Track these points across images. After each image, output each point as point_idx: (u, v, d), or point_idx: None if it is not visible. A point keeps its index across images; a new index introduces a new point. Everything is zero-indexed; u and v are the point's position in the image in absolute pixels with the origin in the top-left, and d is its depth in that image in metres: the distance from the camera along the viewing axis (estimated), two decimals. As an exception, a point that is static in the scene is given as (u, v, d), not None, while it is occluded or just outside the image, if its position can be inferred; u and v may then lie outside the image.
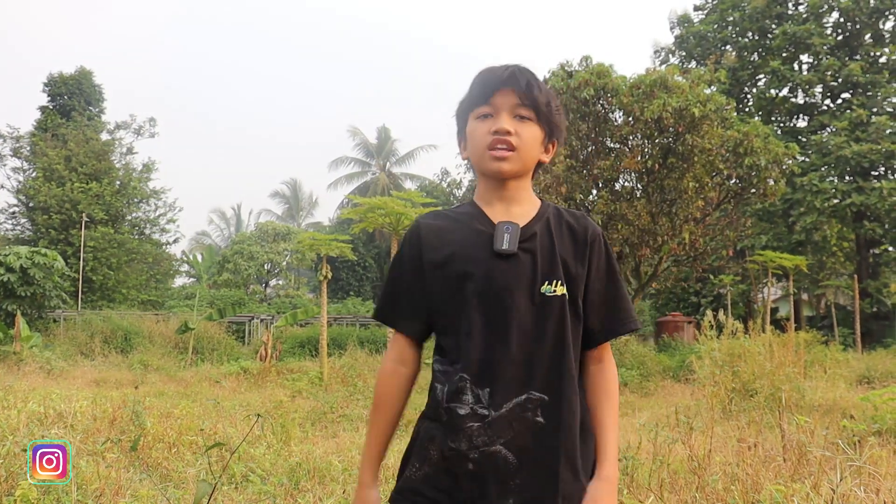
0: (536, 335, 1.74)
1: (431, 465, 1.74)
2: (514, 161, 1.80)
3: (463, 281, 1.77)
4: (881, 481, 4.19)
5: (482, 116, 1.82)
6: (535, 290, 1.76)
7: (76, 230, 29.07)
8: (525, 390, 1.71)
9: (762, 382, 9.02)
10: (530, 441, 1.70)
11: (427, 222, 1.90)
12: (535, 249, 1.78)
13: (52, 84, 34.10)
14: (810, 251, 28.33)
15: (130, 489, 4.88)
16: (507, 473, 1.69)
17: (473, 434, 1.70)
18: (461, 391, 1.73)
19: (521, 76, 1.81)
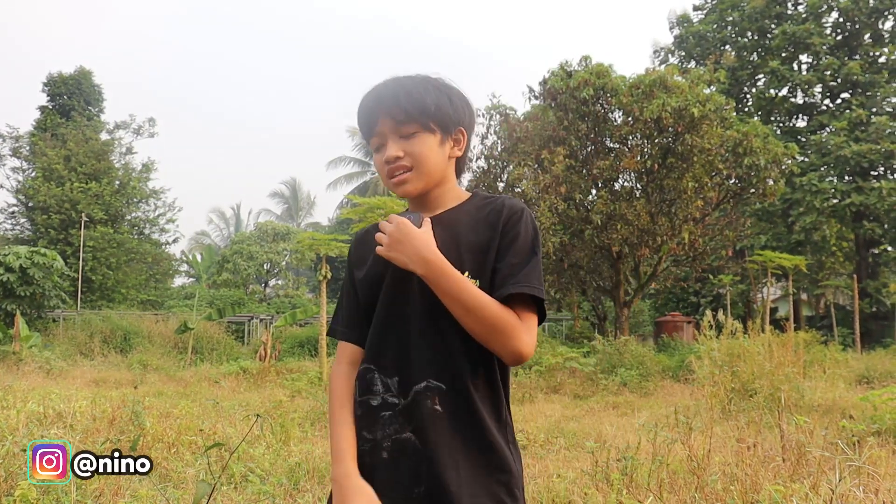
0: (434, 324, 1.74)
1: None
2: (415, 180, 1.81)
3: (372, 278, 1.83)
4: (880, 481, 4.20)
5: (377, 148, 1.84)
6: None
7: (76, 230, 29.06)
8: (424, 378, 1.72)
9: (761, 382, 9.03)
10: (432, 429, 1.71)
11: (354, 236, 1.98)
12: (445, 238, 1.78)
13: (52, 84, 34.09)
14: (809, 251, 28.33)
15: (130, 489, 4.88)
16: (418, 460, 1.70)
17: (386, 423, 1.73)
18: (371, 383, 1.77)
19: (385, 95, 1.79)
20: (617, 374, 14.44)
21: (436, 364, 1.73)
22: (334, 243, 14.76)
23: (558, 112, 20.45)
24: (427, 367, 1.73)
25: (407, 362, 1.74)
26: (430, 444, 1.70)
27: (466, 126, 1.87)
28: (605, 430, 8.23)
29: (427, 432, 1.70)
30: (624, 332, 19.61)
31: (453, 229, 1.80)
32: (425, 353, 1.74)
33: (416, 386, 1.72)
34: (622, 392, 13.35)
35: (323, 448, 6.70)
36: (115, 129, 34.82)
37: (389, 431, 1.72)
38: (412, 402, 1.72)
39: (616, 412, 10.78)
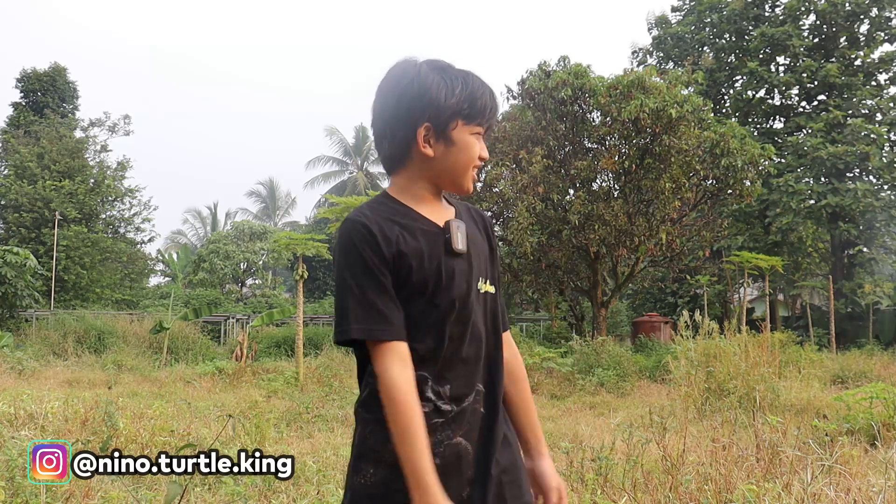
0: (481, 331, 1.83)
1: (388, 466, 1.69)
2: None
3: (425, 280, 1.75)
4: (851, 480, 4.22)
5: (475, 134, 1.84)
6: (477, 288, 1.82)
7: (48, 229, 28.75)
8: (474, 384, 1.80)
9: (737, 382, 9.07)
10: (477, 430, 1.79)
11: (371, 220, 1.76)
12: (472, 248, 1.84)
13: (25, 80, 33.75)
14: (786, 252, 28.52)
15: (101, 491, 4.83)
16: (466, 464, 1.75)
17: (438, 429, 1.72)
18: (423, 391, 1.73)
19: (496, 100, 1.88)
20: (594, 374, 14.47)
21: (481, 369, 1.82)
22: (311, 243, 14.69)
23: (536, 112, 20.48)
24: (476, 373, 1.80)
25: (465, 370, 1.78)
26: (478, 446, 1.78)
27: None
28: (581, 431, 8.24)
29: (474, 434, 1.78)
30: (601, 333, 19.67)
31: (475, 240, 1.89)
32: (478, 359, 1.81)
33: (468, 392, 1.78)
34: (599, 392, 13.38)
35: (298, 449, 6.66)
36: (90, 126, 34.49)
37: (441, 437, 1.73)
38: (465, 407, 1.77)
39: (593, 412, 10.80)
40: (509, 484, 1.80)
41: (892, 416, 7.05)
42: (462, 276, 1.78)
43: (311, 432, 8.19)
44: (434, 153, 1.82)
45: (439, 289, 1.75)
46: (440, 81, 1.80)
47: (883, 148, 28.19)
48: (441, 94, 1.80)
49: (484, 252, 1.88)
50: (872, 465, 5.25)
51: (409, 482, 1.63)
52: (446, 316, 1.75)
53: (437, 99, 1.79)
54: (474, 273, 1.81)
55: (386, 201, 1.83)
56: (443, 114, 1.80)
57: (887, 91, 30.56)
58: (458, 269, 1.77)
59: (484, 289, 1.84)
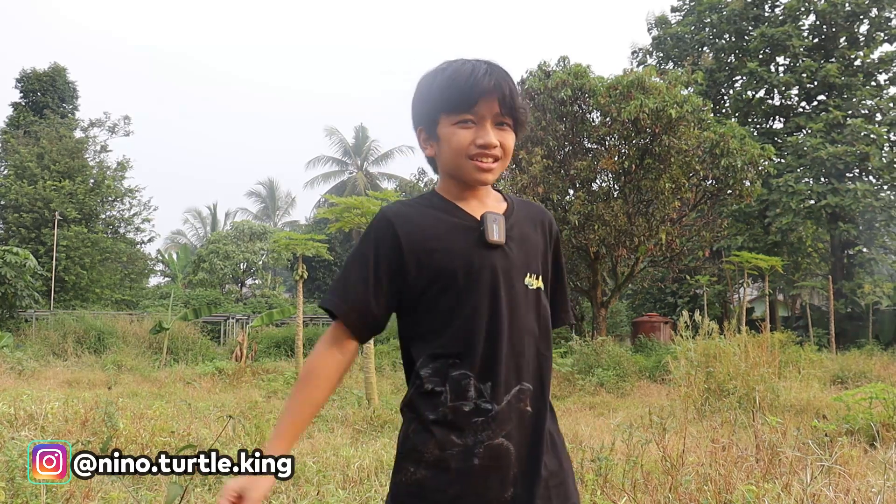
0: (525, 327, 1.78)
1: (428, 466, 1.71)
2: (497, 171, 1.82)
3: (453, 273, 1.75)
4: (850, 481, 4.22)
5: (462, 123, 1.78)
6: (520, 283, 1.78)
7: (48, 229, 28.74)
8: (518, 381, 1.75)
9: (736, 383, 9.06)
10: (523, 430, 1.74)
11: (396, 215, 1.81)
12: (517, 241, 1.81)
13: (25, 80, 33.73)
14: (786, 252, 28.52)
15: (101, 491, 4.83)
16: (509, 464, 1.72)
17: (478, 429, 1.71)
18: (465, 388, 1.72)
19: (504, 84, 1.77)
20: (594, 374, 14.47)
21: (525, 366, 1.77)
22: (311, 243, 14.71)
23: (536, 112, 20.47)
24: (520, 370, 1.76)
25: (506, 367, 1.73)
26: (523, 446, 1.74)
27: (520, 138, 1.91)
28: (580, 431, 8.23)
29: (519, 435, 1.74)
30: (601, 333, 19.66)
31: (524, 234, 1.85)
32: (521, 356, 1.76)
33: (514, 390, 1.74)
34: (599, 392, 13.38)
35: (298, 449, 6.65)
36: (90, 126, 34.48)
37: (482, 437, 1.71)
38: (507, 406, 1.73)
39: (593, 412, 10.80)
40: (556, 487, 1.78)
41: (891, 416, 7.05)
42: (499, 269, 1.76)
43: (311, 432, 8.18)
44: (434, 152, 1.86)
45: (471, 281, 1.74)
46: (426, 82, 1.84)
47: (883, 148, 28.18)
48: (424, 94, 1.84)
49: (535, 248, 1.85)
50: (872, 465, 5.25)
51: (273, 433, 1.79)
52: (481, 309, 1.73)
53: (421, 101, 1.85)
54: (516, 267, 1.78)
55: (431, 197, 1.87)
56: (428, 113, 1.83)
57: (887, 91, 30.55)
58: (494, 262, 1.76)
59: (534, 284, 1.81)
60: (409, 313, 1.81)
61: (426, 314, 1.78)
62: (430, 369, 1.75)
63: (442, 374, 1.74)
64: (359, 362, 16.44)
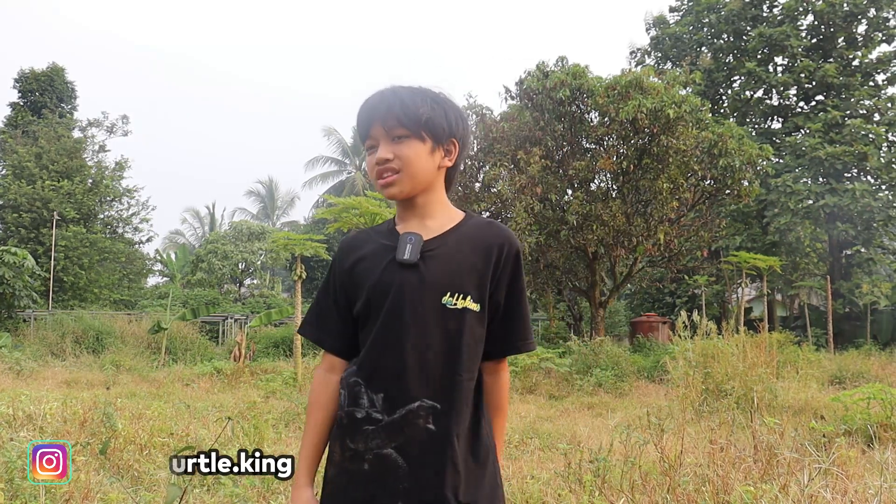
0: (432, 345, 1.78)
1: (335, 466, 1.82)
2: (401, 182, 1.85)
3: (365, 291, 1.83)
4: (848, 482, 4.23)
5: (370, 149, 1.90)
6: (436, 302, 1.79)
7: (47, 229, 28.70)
8: (418, 397, 1.76)
9: (734, 383, 9.08)
10: (420, 447, 1.75)
11: (343, 243, 1.98)
12: (440, 261, 1.83)
13: (23, 80, 33.66)
14: (784, 252, 28.52)
15: (100, 493, 4.82)
16: (397, 477, 1.74)
17: (368, 436, 1.77)
18: (358, 395, 1.80)
19: (381, 102, 1.86)
20: (592, 374, 14.47)
21: (429, 384, 1.77)
22: (309, 243, 14.67)
23: (534, 112, 20.48)
24: (422, 386, 1.76)
25: (398, 381, 1.76)
26: (418, 462, 1.75)
27: (459, 138, 1.91)
28: (579, 431, 8.24)
29: (415, 450, 1.75)
30: (599, 333, 19.67)
31: (454, 254, 1.84)
32: (419, 372, 1.77)
33: (410, 405, 1.75)
34: (597, 392, 13.38)
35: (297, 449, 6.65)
36: (88, 126, 34.38)
37: (372, 445, 1.76)
38: (401, 419, 1.75)
39: (591, 413, 10.80)
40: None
41: (889, 416, 7.07)
42: (407, 287, 1.79)
43: (310, 433, 8.17)
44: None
45: (378, 298, 1.81)
46: None
47: (881, 148, 28.21)
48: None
49: (467, 269, 1.83)
50: (869, 466, 5.26)
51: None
52: (380, 324, 1.80)
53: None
54: (432, 286, 1.79)
55: (386, 222, 1.97)
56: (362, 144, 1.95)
57: (885, 91, 30.56)
58: (402, 280, 1.80)
59: (459, 304, 1.79)
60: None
61: (360, 329, 1.89)
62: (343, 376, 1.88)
63: (346, 380, 1.84)
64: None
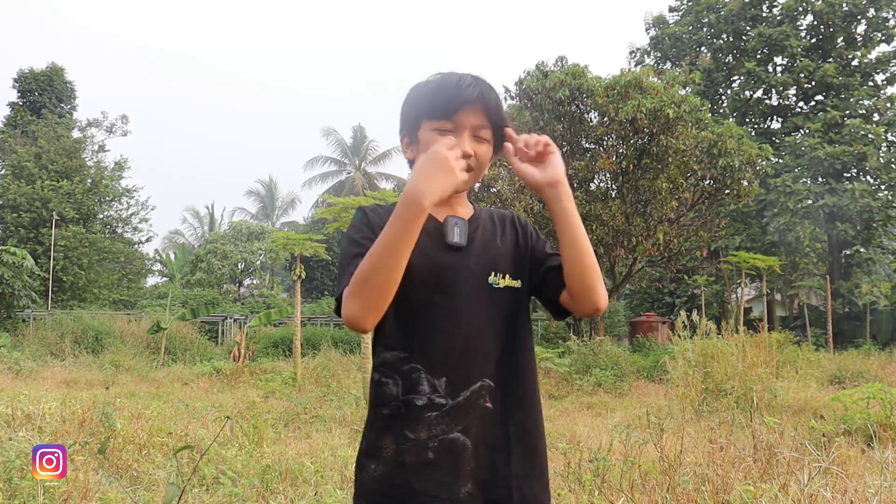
0: (487, 325, 1.79)
1: (386, 462, 1.75)
2: (469, 181, 1.82)
3: (413, 275, 1.74)
4: (848, 481, 4.22)
5: (441, 131, 1.81)
6: (483, 282, 1.80)
7: (46, 229, 28.68)
8: (479, 378, 1.76)
9: (734, 383, 9.08)
10: (483, 426, 1.75)
11: (373, 211, 1.89)
12: (480, 242, 1.85)
13: (22, 80, 33.65)
14: (783, 252, 28.54)
15: (99, 492, 4.82)
16: (464, 459, 1.72)
17: (432, 423, 1.72)
18: (416, 382, 1.75)
19: (488, 96, 1.81)
20: (592, 374, 14.46)
21: (486, 363, 1.77)
22: (309, 243, 14.66)
23: (534, 112, 20.48)
24: (482, 367, 1.76)
25: (460, 363, 1.75)
26: (481, 442, 1.74)
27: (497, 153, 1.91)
28: (578, 431, 8.24)
29: (478, 431, 1.74)
30: (599, 333, 19.66)
31: (489, 236, 1.88)
32: (479, 353, 1.77)
33: (472, 386, 1.75)
34: (597, 392, 13.37)
35: (296, 449, 6.65)
36: (88, 126, 34.38)
37: (436, 432, 1.73)
38: (465, 401, 1.74)
39: (590, 412, 10.80)
40: (519, 489, 1.77)
41: (888, 416, 7.07)
42: (459, 269, 1.79)
43: (309, 433, 8.19)
44: (413, 156, 1.88)
45: (430, 280, 1.77)
46: (414, 90, 1.89)
47: (880, 148, 28.25)
48: (410, 101, 1.89)
49: (504, 249, 1.87)
50: (869, 465, 5.26)
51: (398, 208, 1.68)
52: (437, 307, 1.77)
53: (408, 106, 1.90)
54: (478, 268, 1.81)
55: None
56: (412, 119, 1.88)
57: (884, 91, 30.61)
58: (454, 263, 1.80)
59: (501, 283, 1.82)
60: None
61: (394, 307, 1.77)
62: (384, 362, 1.80)
63: (392, 368, 1.78)
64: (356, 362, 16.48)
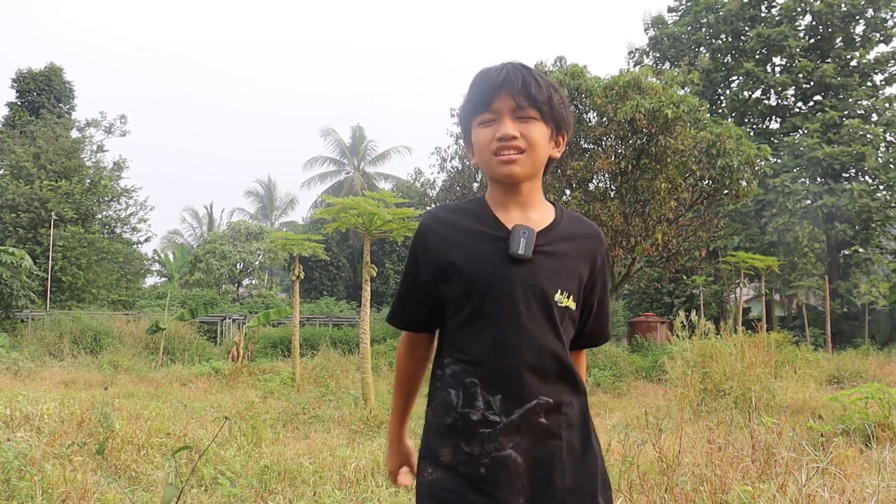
0: (547, 343, 1.75)
1: (443, 469, 1.76)
2: (524, 164, 1.79)
3: (474, 283, 1.76)
4: (846, 481, 4.23)
5: (485, 123, 1.81)
6: (548, 299, 1.76)
7: (45, 229, 28.64)
8: (536, 396, 1.73)
9: (732, 383, 9.07)
10: (535, 443, 1.73)
11: (433, 221, 1.88)
12: (551, 257, 1.79)
13: (21, 80, 33.62)
14: (782, 252, 28.55)
15: (97, 493, 4.82)
16: (516, 475, 1.71)
17: (485, 439, 1.71)
18: (473, 397, 1.74)
19: (515, 77, 1.79)
20: (590, 374, 14.47)
21: (545, 381, 1.74)
22: (307, 243, 14.67)
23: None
24: (538, 384, 1.73)
25: (518, 381, 1.72)
26: (533, 459, 1.72)
27: (568, 132, 1.90)
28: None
29: (532, 447, 1.72)
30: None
31: (562, 252, 1.82)
32: (537, 371, 1.74)
33: (528, 405, 1.72)
34: (595, 392, 13.38)
35: (295, 450, 6.65)
36: (86, 126, 34.36)
37: (489, 448, 1.71)
38: (519, 419, 1.72)
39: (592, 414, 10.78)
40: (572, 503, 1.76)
41: (886, 416, 7.06)
42: (521, 282, 1.75)
43: (308, 433, 8.19)
44: (475, 161, 1.88)
45: (491, 292, 1.75)
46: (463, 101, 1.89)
47: (879, 148, 28.26)
48: (461, 110, 1.90)
49: (572, 267, 1.82)
50: (867, 466, 5.26)
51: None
52: (498, 321, 1.74)
53: (460, 117, 1.91)
54: (543, 282, 1.76)
55: (475, 203, 1.90)
56: (464, 124, 1.89)
57: (883, 91, 30.63)
58: (516, 275, 1.75)
59: (563, 302, 1.78)
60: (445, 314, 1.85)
61: (453, 318, 1.82)
62: (450, 372, 1.79)
63: (457, 379, 1.77)
64: (355, 362, 16.49)
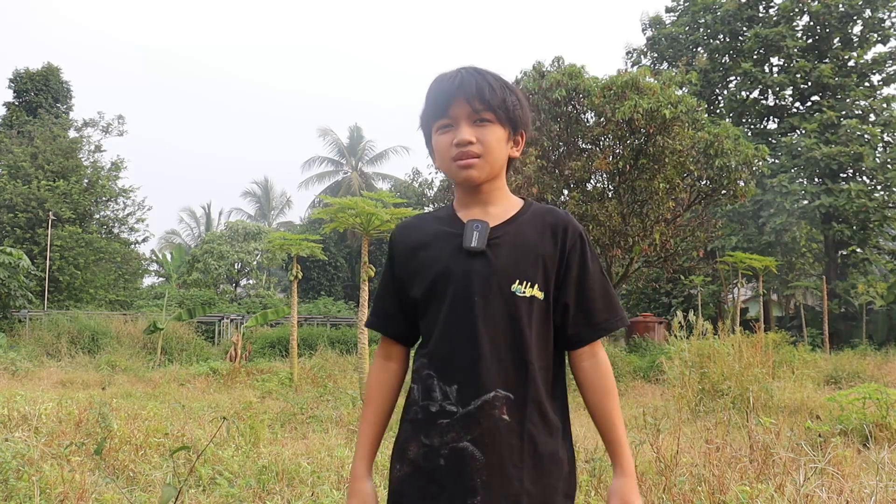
0: (503, 334, 1.74)
1: (409, 464, 1.77)
2: (481, 167, 1.80)
3: (432, 280, 1.80)
4: (843, 482, 4.23)
5: (443, 128, 1.83)
6: (505, 290, 1.75)
7: (42, 229, 28.61)
8: (493, 388, 1.71)
9: (730, 383, 9.09)
10: (496, 438, 1.71)
11: (400, 229, 1.96)
12: (507, 248, 1.79)
13: (18, 80, 33.58)
14: (780, 252, 28.58)
15: (95, 493, 4.81)
16: (474, 470, 1.69)
17: (444, 430, 1.72)
18: (431, 388, 1.75)
19: (470, 82, 1.79)
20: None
21: (504, 373, 1.73)
22: (305, 243, 14.67)
23: (531, 113, 20.46)
24: (496, 376, 1.72)
25: (472, 371, 1.72)
26: (493, 454, 1.71)
27: (526, 130, 1.92)
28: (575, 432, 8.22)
29: (489, 442, 1.71)
30: (596, 333, 19.61)
31: (521, 241, 1.81)
32: (494, 362, 1.73)
33: (484, 395, 1.71)
34: (594, 392, 13.35)
35: (293, 450, 6.65)
36: (84, 126, 34.35)
37: (447, 439, 1.72)
38: (476, 410, 1.71)
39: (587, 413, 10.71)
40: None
41: (884, 416, 7.08)
42: (476, 275, 1.75)
43: (306, 433, 8.18)
44: (436, 162, 1.90)
45: (446, 286, 1.77)
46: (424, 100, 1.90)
47: (876, 148, 28.31)
48: (421, 116, 1.91)
49: (534, 256, 1.79)
50: (865, 466, 5.27)
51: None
52: (450, 313, 1.76)
53: (421, 117, 1.91)
54: (500, 274, 1.75)
55: (443, 207, 1.94)
56: (425, 131, 1.91)
57: (881, 92, 30.68)
58: (470, 268, 1.76)
59: (527, 293, 1.76)
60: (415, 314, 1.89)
61: (422, 317, 1.85)
62: (415, 367, 1.83)
63: (419, 373, 1.80)
64: (353, 362, 16.48)
